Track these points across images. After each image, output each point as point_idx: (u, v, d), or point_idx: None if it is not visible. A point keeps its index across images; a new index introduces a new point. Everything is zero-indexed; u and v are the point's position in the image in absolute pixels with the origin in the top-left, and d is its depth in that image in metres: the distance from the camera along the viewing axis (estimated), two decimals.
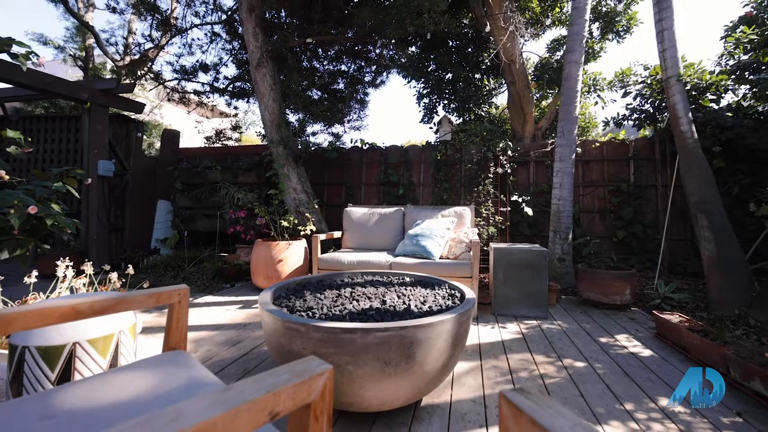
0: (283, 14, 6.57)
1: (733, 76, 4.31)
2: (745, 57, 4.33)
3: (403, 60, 6.60)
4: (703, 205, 3.23)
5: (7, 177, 2.07)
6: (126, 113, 6.61)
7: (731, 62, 4.44)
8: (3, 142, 2.40)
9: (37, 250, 2.40)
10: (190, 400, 0.50)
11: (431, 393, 1.80)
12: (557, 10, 5.94)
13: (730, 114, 4.21)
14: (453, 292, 1.97)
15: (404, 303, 1.75)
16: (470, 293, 1.84)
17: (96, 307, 1.02)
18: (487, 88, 7.10)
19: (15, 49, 2.48)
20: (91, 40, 9.36)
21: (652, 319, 2.90)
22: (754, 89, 4.09)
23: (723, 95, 4.12)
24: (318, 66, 6.91)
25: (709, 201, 3.21)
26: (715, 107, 4.29)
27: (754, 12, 4.64)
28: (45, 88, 4.70)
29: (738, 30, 4.20)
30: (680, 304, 3.14)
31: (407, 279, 2.30)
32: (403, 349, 1.35)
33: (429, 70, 6.77)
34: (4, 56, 4.33)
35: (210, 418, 0.46)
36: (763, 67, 4.07)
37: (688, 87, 3.93)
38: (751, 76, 4.16)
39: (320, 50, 6.76)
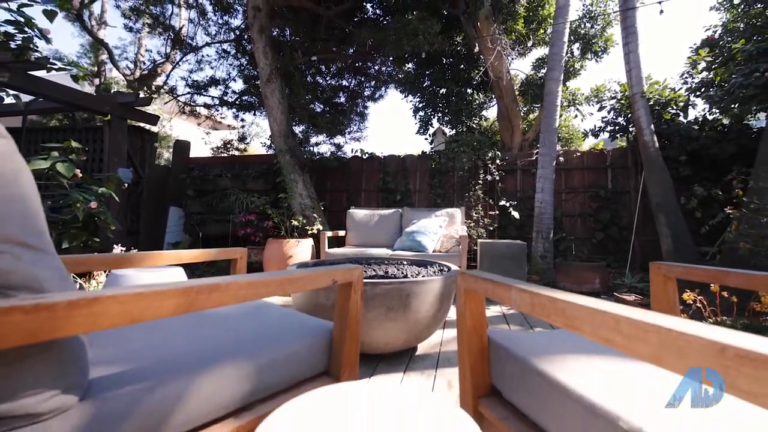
0: (288, 33, 7.17)
1: (697, 93, 4.88)
2: (710, 75, 4.91)
3: (400, 76, 7.18)
4: (662, 205, 3.74)
5: (80, 175, 2.55)
6: (141, 125, 7.11)
7: (696, 80, 5.02)
8: (65, 150, 2.88)
9: (88, 243, 2.88)
10: (293, 269, 0.98)
11: (424, 346, 2.26)
12: (541, 31, 6.56)
13: (696, 127, 4.74)
14: (442, 268, 2.45)
15: (402, 273, 2.22)
16: (455, 267, 2.32)
17: (191, 255, 1.50)
18: (478, 102, 7.69)
19: (74, 71, 3.01)
20: (104, 56, 9.94)
21: (615, 302, 3.38)
22: (721, 103, 4.62)
23: (683, 110, 4.65)
24: (321, 81, 7.48)
25: (667, 202, 3.73)
26: (684, 120, 4.83)
27: (716, 36, 5.24)
28: (73, 102, 5.21)
29: (696, 52, 4.79)
30: (643, 291, 3.63)
31: (405, 261, 2.77)
32: (402, 299, 1.83)
33: (424, 85, 7.36)
34: (37, 72, 4.84)
35: (306, 273, 0.94)
36: (725, 84, 4.63)
37: (652, 102, 4.48)
38: (716, 92, 4.71)
39: (323, 66, 7.34)
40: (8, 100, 3.32)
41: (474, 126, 7.85)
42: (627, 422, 0.60)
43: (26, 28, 2.69)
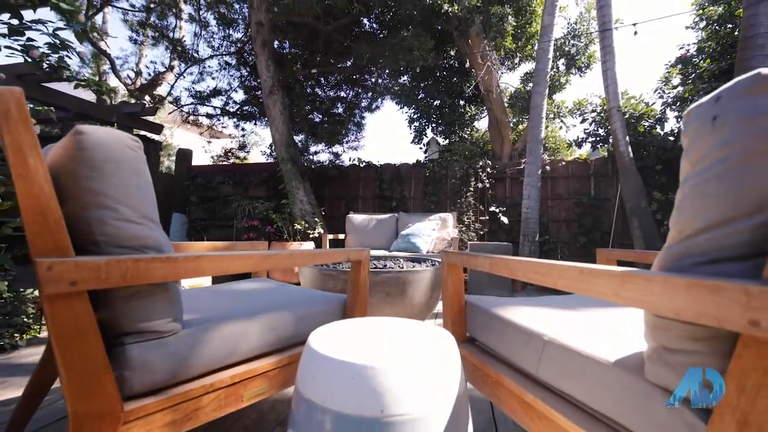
0: (288, 45, 7.55)
1: (672, 107, 5.31)
2: (682, 90, 5.34)
3: (396, 88, 7.58)
4: (635, 209, 4.12)
5: None
6: (145, 133, 7.42)
7: (671, 95, 5.45)
8: None
9: None
10: (318, 249, 1.31)
11: None
12: (528, 48, 7.00)
13: (672, 138, 5.15)
14: (434, 263, 2.78)
15: (399, 267, 2.55)
16: None
17: (223, 246, 1.82)
18: (470, 113, 8.11)
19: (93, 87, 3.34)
20: (105, 66, 10.27)
21: None
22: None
23: (658, 122, 5.07)
24: (320, 92, 7.86)
25: (639, 207, 4.11)
26: (660, 132, 5.24)
27: (688, 54, 5.69)
28: (83, 112, 5.50)
29: (669, 70, 5.23)
30: None
31: (401, 258, 3.10)
32: (399, 286, 2.15)
33: (419, 97, 7.77)
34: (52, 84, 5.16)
35: (328, 251, 1.27)
36: (692, 100, 5.06)
37: (627, 116, 4.89)
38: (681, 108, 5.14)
39: (322, 79, 7.71)
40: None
41: (466, 136, 8.26)
42: (548, 335, 0.93)
43: (60, 50, 3.02)
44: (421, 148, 8.54)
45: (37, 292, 2.50)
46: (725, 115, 0.60)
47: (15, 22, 2.60)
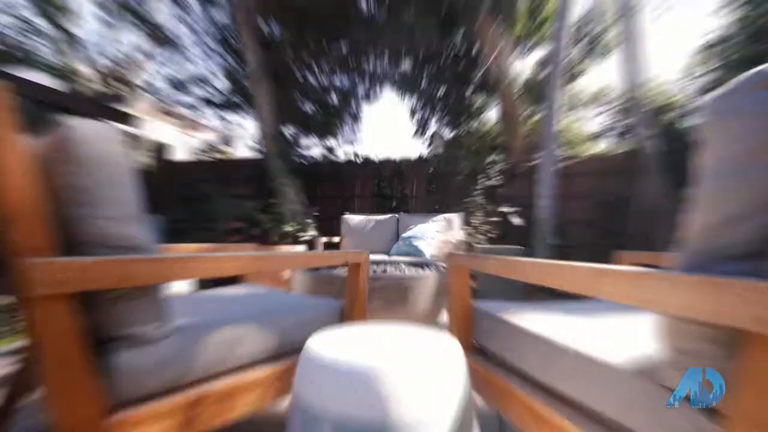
0: (277, 30, 7.58)
1: (700, 96, 5.38)
2: (708, 79, 5.41)
3: (396, 76, 7.63)
4: (659, 208, 4.17)
5: None
6: (119, 126, 7.45)
7: (695, 85, 5.52)
8: None
9: None
10: (312, 251, 1.35)
11: None
12: (543, 33, 7.04)
13: None
14: (439, 268, 2.82)
15: (401, 272, 2.60)
16: None
17: (210, 247, 1.87)
18: (478, 104, 8.14)
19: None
20: (77, 53, 10.31)
21: None
22: None
23: (681, 114, 5.12)
24: (312, 80, 7.89)
25: (663, 206, 4.16)
26: (687, 124, 5.30)
27: (717, 40, 5.74)
28: (53, 101, 5.53)
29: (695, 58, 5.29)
30: None
31: (402, 263, 3.15)
32: (400, 293, 2.20)
33: (422, 86, 7.81)
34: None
35: (325, 253, 1.32)
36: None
37: (651, 107, 4.94)
38: None
39: (314, 65, 7.75)
40: None
41: (473, 129, 8.31)
42: (558, 341, 0.98)
43: (31, 35, 3.07)
44: (423, 142, 8.58)
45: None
46: (738, 109, 0.64)
47: None
